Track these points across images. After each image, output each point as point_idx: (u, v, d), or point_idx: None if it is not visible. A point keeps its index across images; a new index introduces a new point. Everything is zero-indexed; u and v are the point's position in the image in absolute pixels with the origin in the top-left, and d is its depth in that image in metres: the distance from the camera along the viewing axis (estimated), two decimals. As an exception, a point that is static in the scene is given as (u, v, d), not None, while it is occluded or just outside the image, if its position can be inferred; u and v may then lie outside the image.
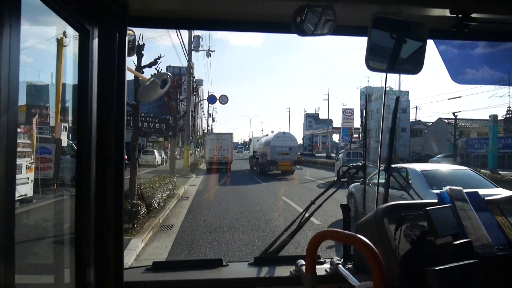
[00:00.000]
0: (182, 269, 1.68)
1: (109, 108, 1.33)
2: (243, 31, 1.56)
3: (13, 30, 0.82)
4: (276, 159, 24.62)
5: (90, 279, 1.29)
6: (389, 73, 1.59)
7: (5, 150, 0.79)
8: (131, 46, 1.61)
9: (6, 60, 0.79)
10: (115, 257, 1.35)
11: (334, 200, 2.86)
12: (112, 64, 1.33)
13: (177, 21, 1.54)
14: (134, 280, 1.55)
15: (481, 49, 1.90)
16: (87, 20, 1.24)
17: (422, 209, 1.38)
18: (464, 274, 1.30)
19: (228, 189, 16.88)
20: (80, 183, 1.27)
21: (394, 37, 1.43)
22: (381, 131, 2.36)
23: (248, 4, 1.40)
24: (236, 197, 13.67)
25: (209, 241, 7.05)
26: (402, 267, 1.34)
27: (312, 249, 1.18)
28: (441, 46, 1.83)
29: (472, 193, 1.66)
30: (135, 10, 1.38)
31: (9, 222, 0.80)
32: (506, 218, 1.59)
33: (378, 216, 1.50)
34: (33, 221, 5.85)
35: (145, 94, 2.17)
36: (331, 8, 1.30)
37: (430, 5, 1.38)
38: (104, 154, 1.33)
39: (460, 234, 1.45)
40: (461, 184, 1.70)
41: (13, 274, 0.82)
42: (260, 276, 1.62)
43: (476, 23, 1.40)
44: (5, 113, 0.79)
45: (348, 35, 1.60)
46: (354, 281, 1.30)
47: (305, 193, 14.79)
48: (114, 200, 1.34)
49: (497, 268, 1.40)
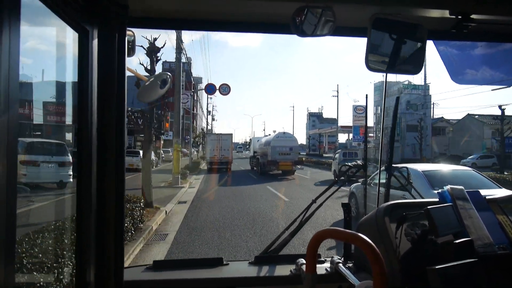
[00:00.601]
0: (182, 268, 1.69)
1: (109, 109, 1.34)
2: (243, 31, 1.56)
3: (13, 30, 0.82)
4: (276, 159, 24.63)
5: (90, 278, 1.29)
6: (389, 73, 1.59)
7: (5, 150, 0.79)
8: (130, 46, 1.62)
9: (6, 61, 0.80)
10: (116, 256, 1.35)
11: (334, 200, 2.86)
12: (112, 64, 1.34)
13: (177, 21, 1.54)
14: (134, 279, 1.55)
15: (481, 49, 1.90)
16: (86, 21, 1.24)
17: (423, 208, 1.38)
18: (465, 273, 1.30)
19: (233, 198, 13.11)
20: (80, 182, 1.28)
21: (394, 38, 1.43)
22: (381, 132, 2.36)
23: (248, 4, 1.40)
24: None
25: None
26: (403, 266, 1.35)
27: (312, 248, 1.19)
28: (440, 47, 1.84)
29: (473, 192, 1.66)
30: (135, 10, 1.38)
31: (10, 222, 0.80)
32: (507, 217, 1.59)
33: (379, 215, 1.51)
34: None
35: (145, 94, 2.17)
36: (330, 9, 1.30)
37: (430, 6, 1.38)
38: (105, 154, 1.33)
39: (461, 233, 1.45)
40: (463, 185, 1.70)
41: (13, 274, 0.83)
42: (260, 275, 1.62)
43: (476, 24, 1.40)
44: (5, 113, 0.79)
45: (348, 35, 1.60)
46: (354, 280, 1.30)
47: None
48: (114, 199, 1.34)
49: (498, 267, 1.40)
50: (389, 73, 1.64)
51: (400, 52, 1.45)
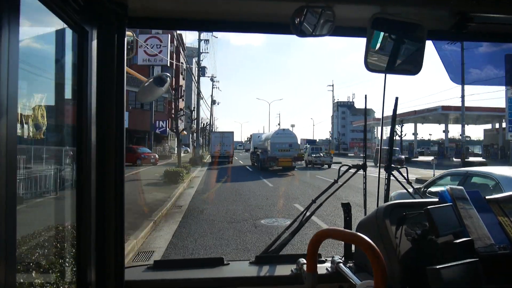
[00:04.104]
0: (183, 267, 1.68)
1: (109, 109, 1.34)
2: (242, 31, 1.56)
3: (12, 30, 0.82)
4: (276, 155, 24.91)
5: (91, 277, 1.29)
6: (388, 73, 1.59)
7: (5, 150, 0.79)
8: (130, 47, 1.61)
9: (5, 60, 0.80)
10: (116, 256, 1.35)
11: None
12: (112, 65, 1.34)
13: (176, 21, 1.54)
14: (135, 279, 1.55)
15: (481, 49, 1.90)
16: (86, 21, 1.24)
17: (423, 208, 1.38)
18: (466, 273, 1.30)
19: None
20: (80, 182, 1.28)
21: (393, 38, 1.43)
22: (381, 132, 2.36)
23: (247, 4, 1.40)
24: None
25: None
26: (403, 266, 1.35)
27: (313, 247, 1.19)
28: (439, 47, 1.84)
29: (473, 192, 1.66)
30: (135, 10, 1.38)
31: (10, 222, 0.80)
32: (507, 217, 1.59)
33: (379, 215, 1.51)
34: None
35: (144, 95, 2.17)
36: (330, 9, 1.30)
37: (429, 6, 1.38)
38: (104, 154, 1.33)
39: (461, 233, 1.45)
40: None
41: (14, 274, 0.82)
42: (261, 275, 1.62)
43: (475, 24, 1.40)
44: (5, 113, 0.79)
45: (347, 36, 1.60)
46: (355, 279, 1.30)
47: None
48: (114, 198, 1.34)
49: (499, 267, 1.40)
50: (388, 74, 1.64)
51: (400, 52, 1.45)
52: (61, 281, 3.01)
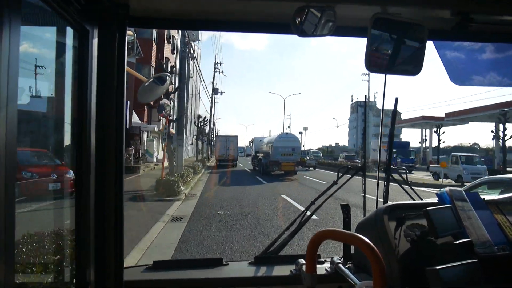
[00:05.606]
0: (182, 268, 1.68)
1: (109, 109, 1.34)
2: (243, 31, 1.56)
3: (13, 30, 0.82)
4: (279, 159, 24.66)
5: (90, 278, 1.29)
6: (388, 74, 1.59)
7: (5, 150, 0.79)
8: (130, 46, 1.61)
9: (6, 60, 0.79)
10: (115, 256, 1.35)
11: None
12: (112, 64, 1.33)
13: (177, 21, 1.54)
14: (134, 279, 1.55)
15: (481, 50, 1.90)
16: (87, 21, 1.24)
17: (422, 209, 1.38)
18: (465, 274, 1.30)
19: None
20: (80, 182, 1.28)
21: (394, 38, 1.43)
22: (380, 133, 2.36)
23: (248, 4, 1.40)
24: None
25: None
26: (403, 267, 1.35)
27: (312, 248, 1.19)
28: (440, 47, 1.83)
29: (472, 193, 1.67)
30: (135, 10, 1.38)
31: (9, 222, 0.80)
32: (506, 218, 1.59)
33: (379, 216, 1.51)
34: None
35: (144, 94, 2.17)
36: (331, 8, 1.30)
37: (430, 6, 1.38)
38: (104, 154, 1.33)
39: (460, 234, 1.45)
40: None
41: (12, 273, 0.82)
42: (260, 275, 1.62)
43: (476, 24, 1.40)
44: (4, 113, 0.79)
45: (348, 36, 1.60)
46: (354, 280, 1.30)
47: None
48: (114, 198, 1.34)
49: (498, 268, 1.41)
50: (388, 74, 1.64)
51: (400, 52, 1.45)
52: (60, 281, 3.00)
